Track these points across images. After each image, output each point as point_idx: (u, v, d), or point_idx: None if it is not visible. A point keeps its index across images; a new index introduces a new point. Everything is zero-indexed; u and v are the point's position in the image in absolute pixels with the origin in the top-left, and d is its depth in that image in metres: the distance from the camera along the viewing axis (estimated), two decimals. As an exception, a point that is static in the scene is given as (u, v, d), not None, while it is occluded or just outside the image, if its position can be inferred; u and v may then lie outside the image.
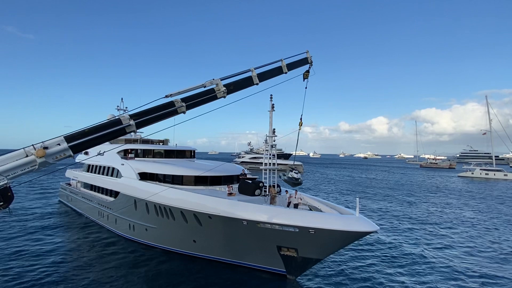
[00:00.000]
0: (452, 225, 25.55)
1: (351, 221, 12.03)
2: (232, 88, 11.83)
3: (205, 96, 11.00)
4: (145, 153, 23.12)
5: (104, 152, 19.17)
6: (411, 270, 15.56)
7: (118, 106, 30.06)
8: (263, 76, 13.06)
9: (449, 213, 30.97)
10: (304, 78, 16.22)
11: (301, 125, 16.42)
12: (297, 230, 12.47)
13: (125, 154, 22.84)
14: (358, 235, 12.22)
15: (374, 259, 16.93)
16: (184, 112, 10.55)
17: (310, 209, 15.40)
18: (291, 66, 14.60)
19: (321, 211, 14.84)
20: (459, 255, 18.01)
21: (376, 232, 12.20)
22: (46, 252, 17.28)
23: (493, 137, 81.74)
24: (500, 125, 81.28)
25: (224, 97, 11.51)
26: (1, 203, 7.61)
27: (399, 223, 25.98)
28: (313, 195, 17.14)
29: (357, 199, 12.79)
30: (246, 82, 12.48)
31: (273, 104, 16.54)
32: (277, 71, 13.92)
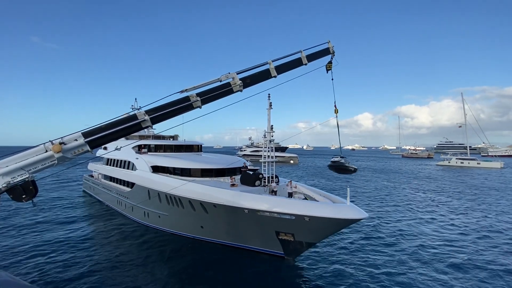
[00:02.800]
0: (433, 206, 25.17)
1: (342, 209, 11.80)
2: (249, 81, 10.29)
3: (221, 90, 9.64)
4: (157, 148, 22.82)
5: (121, 147, 18.89)
6: (396, 249, 15.40)
7: (132, 106, 29.28)
8: (281, 69, 11.17)
9: (431, 197, 30.49)
10: (327, 70, 14.05)
11: (337, 112, 14.46)
12: (294, 218, 12.26)
13: (139, 149, 22.51)
14: (349, 222, 11.97)
15: (363, 241, 16.67)
16: (200, 107, 9.27)
17: (305, 198, 15.15)
18: (312, 57, 12.43)
19: (315, 199, 14.59)
20: (440, 232, 17.76)
21: (365, 218, 11.81)
22: (71, 235, 17.33)
23: (467, 129, 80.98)
24: (474, 118, 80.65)
25: (241, 91, 10.06)
26: (24, 196, 7.21)
27: (389, 208, 25.49)
28: (307, 184, 16.92)
29: (348, 188, 12.51)
30: (264, 75, 10.73)
31: (270, 103, 16.10)
32: (297, 63, 11.84)
